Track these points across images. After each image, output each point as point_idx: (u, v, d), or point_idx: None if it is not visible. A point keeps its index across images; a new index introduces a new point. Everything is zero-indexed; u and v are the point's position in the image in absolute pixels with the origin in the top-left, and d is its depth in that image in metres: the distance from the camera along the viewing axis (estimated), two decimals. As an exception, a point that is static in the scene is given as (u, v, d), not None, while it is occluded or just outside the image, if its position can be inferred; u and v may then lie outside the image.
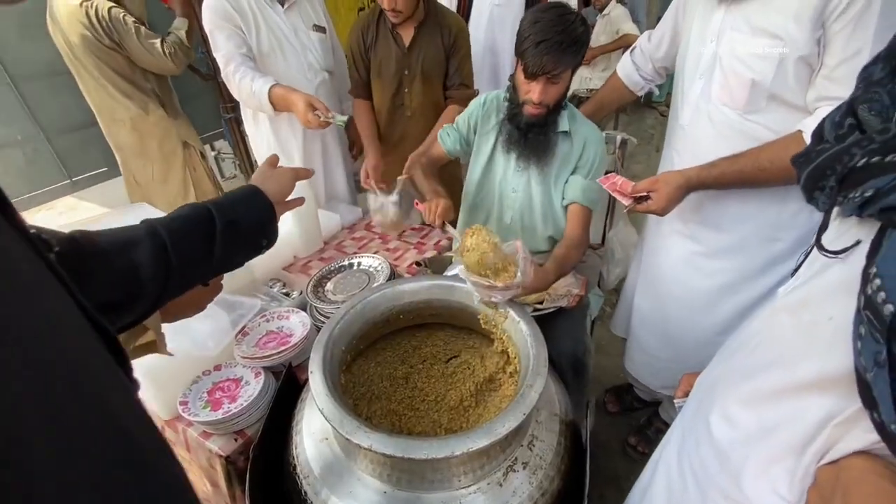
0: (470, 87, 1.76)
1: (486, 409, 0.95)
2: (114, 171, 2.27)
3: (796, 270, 0.56)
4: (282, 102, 1.54)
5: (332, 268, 1.38)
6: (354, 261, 1.40)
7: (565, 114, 1.23)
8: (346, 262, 1.40)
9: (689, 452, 0.69)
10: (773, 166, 1.02)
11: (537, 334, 0.90)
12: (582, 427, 0.95)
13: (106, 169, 2.42)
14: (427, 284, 1.05)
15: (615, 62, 3.60)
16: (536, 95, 1.12)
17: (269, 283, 1.41)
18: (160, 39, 1.79)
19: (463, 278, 0.96)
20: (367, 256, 1.41)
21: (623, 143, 1.61)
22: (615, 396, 1.85)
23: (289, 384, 1.01)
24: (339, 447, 0.82)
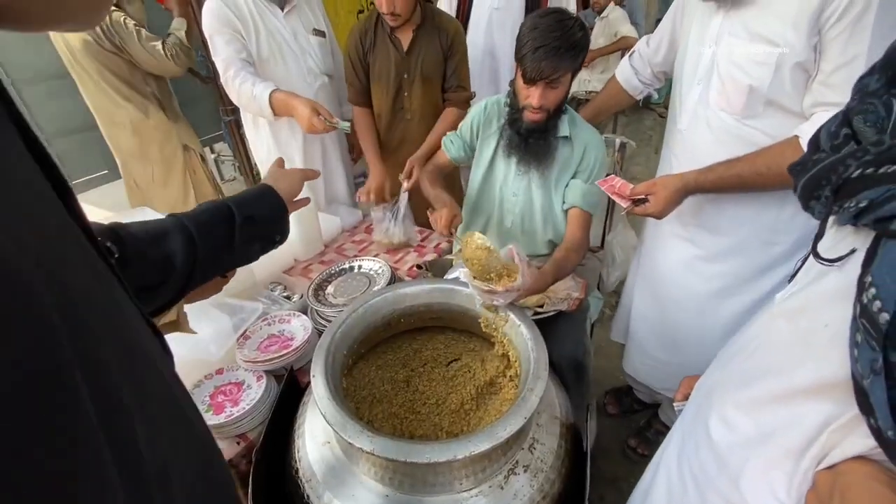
0: (467, 89, 1.77)
1: (486, 413, 0.95)
2: (114, 174, 2.28)
3: (793, 277, 0.57)
4: (282, 108, 1.54)
5: (333, 271, 1.38)
6: (355, 264, 1.41)
7: (566, 118, 1.24)
8: (347, 266, 1.40)
9: (689, 455, 0.69)
10: (769, 171, 1.02)
11: (538, 338, 0.90)
12: (583, 430, 0.95)
13: (106, 172, 2.42)
14: (428, 288, 1.05)
15: (614, 64, 3.62)
16: (536, 100, 1.13)
17: (270, 286, 1.42)
18: (161, 41, 1.80)
19: (465, 282, 0.97)
20: (368, 259, 1.41)
21: (622, 147, 1.61)
22: (615, 398, 1.86)
23: (290, 388, 1.02)
24: (341, 451, 0.82)
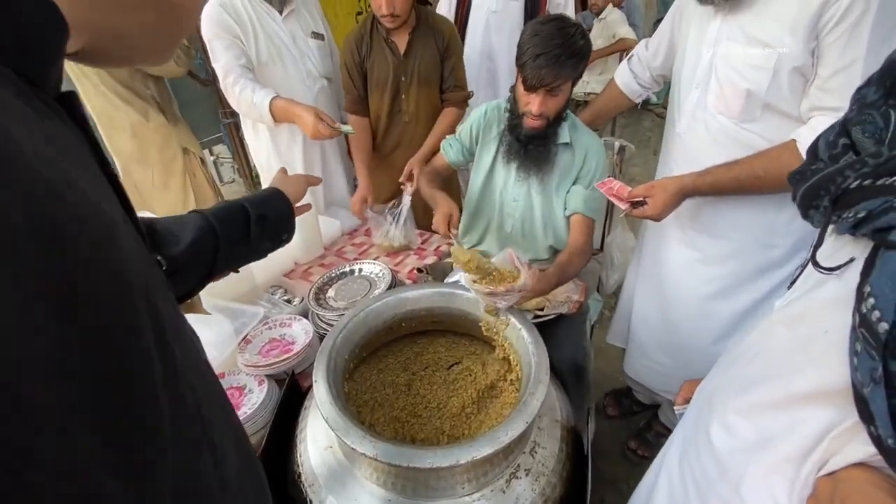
0: (464, 88, 1.77)
1: (487, 416, 0.96)
2: (113, 177, 2.26)
3: (792, 284, 0.57)
4: (283, 115, 1.55)
5: (334, 274, 1.39)
6: (355, 267, 1.41)
7: (566, 124, 1.24)
8: (348, 269, 1.40)
9: (690, 460, 0.70)
10: (767, 174, 1.03)
11: (538, 341, 0.91)
12: (583, 432, 0.96)
13: (105, 175, 2.42)
14: (429, 292, 1.06)
15: (612, 66, 3.63)
16: (536, 107, 1.13)
17: (271, 290, 1.42)
18: None
19: (465, 286, 0.98)
20: (368, 263, 1.41)
21: (621, 150, 1.62)
22: (614, 400, 1.86)
23: (292, 392, 1.02)
24: (343, 455, 0.83)
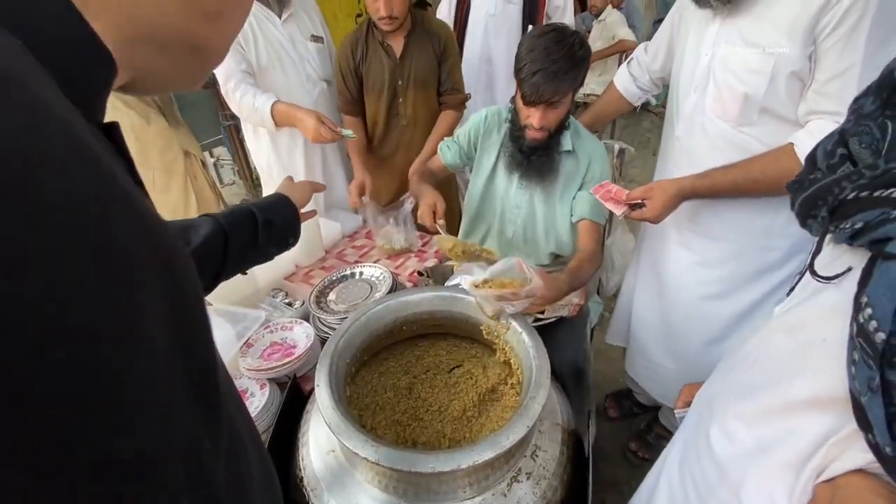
0: (462, 91, 1.78)
1: (488, 420, 0.96)
2: (114, 179, 2.27)
3: (791, 290, 0.57)
4: (285, 119, 1.56)
5: (335, 277, 1.39)
6: (356, 270, 1.41)
7: (568, 133, 1.23)
8: (349, 272, 1.41)
9: (691, 464, 0.70)
10: (765, 177, 1.04)
11: (539, 345, 0.91)
12: (584, 435, 0.96)
13: (106, 177, 2.43)
14: (430, 296, 1.06)
15: (611, 67, 3.64)
16: (537, 121, 1.12)
17: (272, 293, 1.42)
18: None
19: (466, 289, 0.98)
20: (369, 266, 1.41)
21: (621, 153, 1.62)
22: (615, 402, 1.87)
23: (294, 396, 1.02)
24: (345, 459, 0.83)
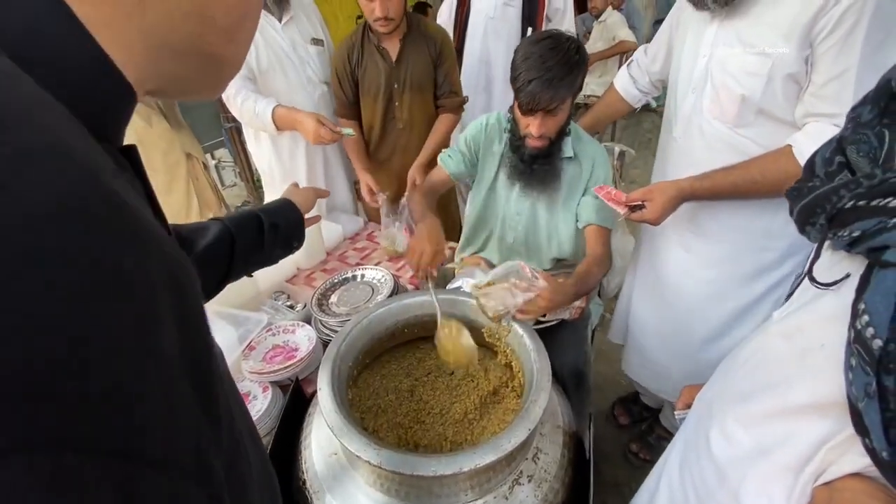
0: (459, 94, 1.78)
1: (490, 422, 0.97)
2: (116, 182, 2.27)
3: (790, 295, 0.58)
4: (285, 123, 1.57)
5: (336, 280, 1.39)
6: (358, 273, 1.41)
7: (569, 139, 1.22)
8: (350, 275, 1.41)
9: (691, 466, 0.70)
10: (764, 179, 1.04)
11: (540, 348, 0.91)
12: (585, 437, 0.97)
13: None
14: (431, 298, 1.07)
15: (612, 68, 3.64)
16: (536, 129, 1.11)
17: (274, 296, 1.43)
18: None
19: (472, 294, 0.98)
20: (371, 269, 1.42)
21: (621, 155, 1.63)
22: (623, 408, 1.85)
23: (296, 398, 1.03)
24: (347, 462, 0.83)
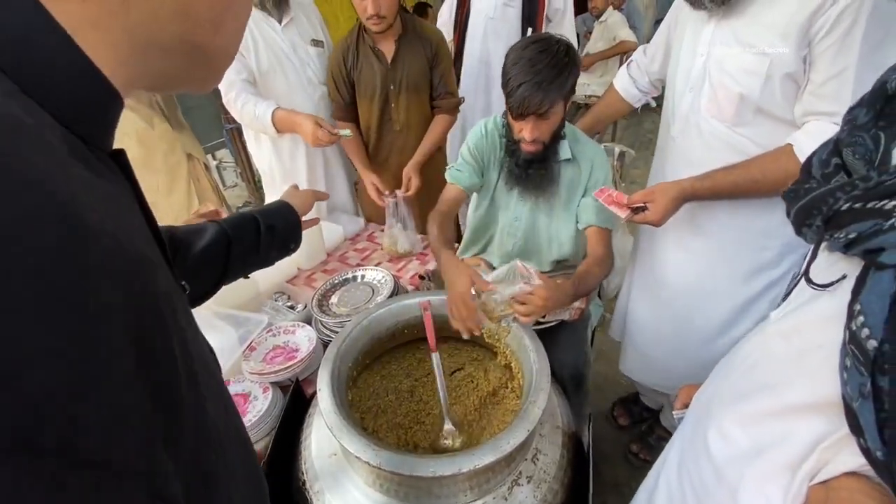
0: (455, 95, 1.78)
1: (489, 423, 0.97)
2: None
3: (787, 296, 0.58)
4: (285, 125, 1.58)
5: (336, 281, 1.40)
6: (358, 274, 1.42)
7: (565, 141, 1.21)
8: (350, 275, 1.41)
9: (689, 465, 0.71)
10: (765, 178, 1.04)
11: (540, 349, 0.92)
12: (584, 438, 0.97)
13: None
14: (431, 299, 1.07)
15: (613, 68, 3.64)
16: (528, 134, 1.10)
17: (274, 297, 1.43)
18: None
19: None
20: (371, 269, 1.42)
21: (621, 155, 1.63)
22: (623, 409, 1.85)
23: (296, 399, 1.03)
24: (347, 463, 0.84)
